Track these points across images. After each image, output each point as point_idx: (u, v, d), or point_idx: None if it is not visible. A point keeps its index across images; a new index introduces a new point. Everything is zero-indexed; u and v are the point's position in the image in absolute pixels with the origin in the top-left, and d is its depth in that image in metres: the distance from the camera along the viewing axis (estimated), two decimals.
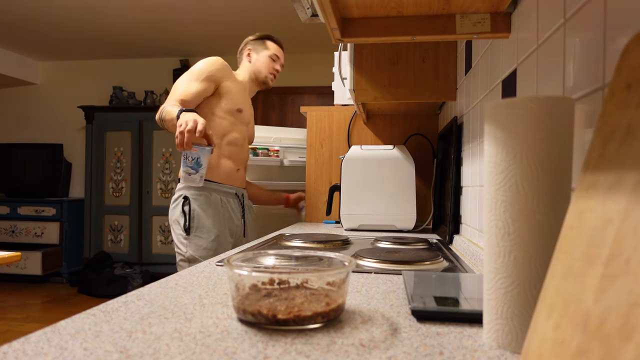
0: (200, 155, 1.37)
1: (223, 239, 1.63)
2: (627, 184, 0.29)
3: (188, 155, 1.37)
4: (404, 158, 1.63)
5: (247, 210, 1.80)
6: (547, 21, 0.68)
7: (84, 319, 0.52)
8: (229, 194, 1.71)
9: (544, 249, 0.41)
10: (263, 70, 1.84)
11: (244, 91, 1.81)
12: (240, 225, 1.74)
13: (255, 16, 3.80)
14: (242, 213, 1.76)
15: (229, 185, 1.71)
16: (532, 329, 0.34)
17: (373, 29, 0.96)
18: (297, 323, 0.49)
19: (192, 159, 1.37)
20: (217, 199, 1.66)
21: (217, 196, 1.66)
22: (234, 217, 1.71)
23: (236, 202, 1.73)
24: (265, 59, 1.84)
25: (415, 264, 0.87)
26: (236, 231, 1.72)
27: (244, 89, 1.81)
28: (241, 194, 1.77)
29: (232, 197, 1.72)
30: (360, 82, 1.46)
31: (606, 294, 0.27)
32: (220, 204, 1.66)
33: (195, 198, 1.62)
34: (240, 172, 1.78)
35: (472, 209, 1.17)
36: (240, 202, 1.75)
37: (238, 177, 1.76)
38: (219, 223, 1.63)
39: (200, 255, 1.57)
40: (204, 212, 1.61)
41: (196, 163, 1.38)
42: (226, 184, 1.71)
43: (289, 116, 4.97)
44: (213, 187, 1.66)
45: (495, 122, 0.44)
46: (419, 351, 0.43)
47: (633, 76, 0.31)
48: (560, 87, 0.62)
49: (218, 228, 1.62)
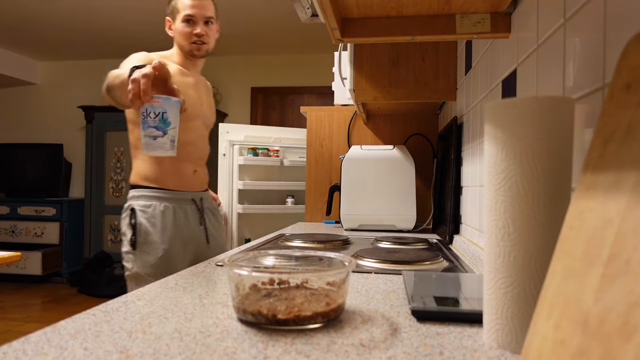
0: (166, 109, 0.93)
1: (174, 254, 1.44)
2: (627, 184, 0.29)
3: (149, 111, 0.92)
4: (404, 158, 1.63)
5: (209, 215, 1.60)
6: (547, 21, 0.68)
7: (84, 319, 0.52)
8: (183, 201, 1.50)
9: (544, 249, 0.41)
10: (182, 42, 1.49)
11: (182, 75, 1.48)
12: (200, 233, 1.55)
13: (255, 16, 3.80)
14: (200, 220, 1.54)
15: (183, 192, 1.51)
16: (532, 329, 0.34)
17: (373, 29, 0.96)
18: (297, 323, 0.49)
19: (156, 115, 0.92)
20: (168, 210, 1.45)
21: (169, 206, 1.46)
22: (190, 226, 1.51)
23: (193, 209, 1.53)
24: (180, 27, 1.48)
25: (415, 264, 0.87)
26: (196, 241, 1.53)
27: (181, 73, 1.49)
28: (199, 199, 1.56)
29: (188, 203, 1.52)
30: (360, 82, 1.46)
31: (606, 294, 0.27)
32: (172, 215, 1.46)
33: (143, 210, 1.43)
34: (198, 173, 1.56)
35: (472, 209, 1.17)
36: (198, 208, 1.54)
37: (195, 179, 1.55)
38: (169, 237, 1.44)
39: (146, 272, 1.39)
40: (151, 226, 1.42)
41: (162, 120, 0.93)
42: (180, 190, 1.50)
43: (289, 116, 4.97)
44: (164, 196, 1.46)
45: (495, 122, 0.44)
46: (419, 351, 0.43)
47: (633, 76, 0.31)
48: (560, 87, 0.62)
49: (168, 243, 1.43)
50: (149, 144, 0.94)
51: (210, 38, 1.51)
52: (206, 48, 1.50)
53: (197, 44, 1.48)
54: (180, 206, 1.48)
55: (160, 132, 0.94)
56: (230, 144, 2.63)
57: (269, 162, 2.63)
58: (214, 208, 1.66)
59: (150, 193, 1.45)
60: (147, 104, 0.93)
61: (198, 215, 1.54)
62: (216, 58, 5.02)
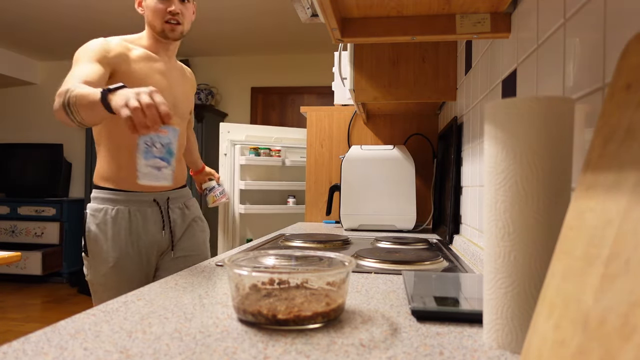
0: (172, 139, 0.92)
1: (128, 264, 1.28)
2: (627, 184, 0.29)
3: (154, 141, 0.91)
4: (404, 158, 1.63)
5: (178, 218, 1.39)
6: (547, 21, 0.68)
7: (84, 319, 0.52)
8: (141, 203, 1.32)
9: (544, 249, 0.41)
10: (154, 21, 1.31)
11: (148, 61, 1.31)
12: (164, 240, 1.35)
13: (255, 16, 3.80)
14: (163, 224, 1.34)
15: (142, 192, 1.31)
16: (532, 329, 0.34)
17: (373, 29, 0.96)
18: (297, 323, 0.49)
19: (162, 145, 0.91)
20: (122, 214, 1.28)
21: (124, 209, 1.29)
22: (149, 232, 1.32)
23: (155, 212, 1.33)
24: (152, 3, 1.31)
25: (415, 264, 0.87)
26: (156, 248, 1.34)
27: (148, 58, 1.31)
28: (164, 200, 1.35)
29: (148, 205, 1.32)
30: (360, 82, 1.46)
31: (606, 294, 0.27)
32: (127, 219, 1.29)
33: (93, 215, 1.28)
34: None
35: (472, 209, 1.17)
36: (161, 210, 1.34)
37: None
38: (120, 245, 1.27)
39: (99, 282, 1.28)
40: (101, 232, 1.27)
41: (168, 151, 0.92)
42: (138, 190, 1.30)
43: (289, 116, 4.97)
44: (117, 199, 1.29)
45: (495, 122, 0.44)
46: (419, 351, 0.43)
47: (633, 76, 0.31)
48: (560, 87, 0.62)
49: (119, 251, 1.27)
50: (151, 174, 0.92)
51: (186, 18, 1.33)
52: (181, 30, 1.31)
53: (171, 24, 1.29)
54: (139, 209, 1.31)
55: (164, 163, 0.92)
56: (232, 143, 2.63)
57: (270, 162, 2.63)
58: (189, 210, 1.44)
59: (104, 195, 1.30)
60: (154, 134, 0.90)
61: (160, 218, 1.34)
62: (216, 58, 5.02)
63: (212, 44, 4.58)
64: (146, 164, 0.91)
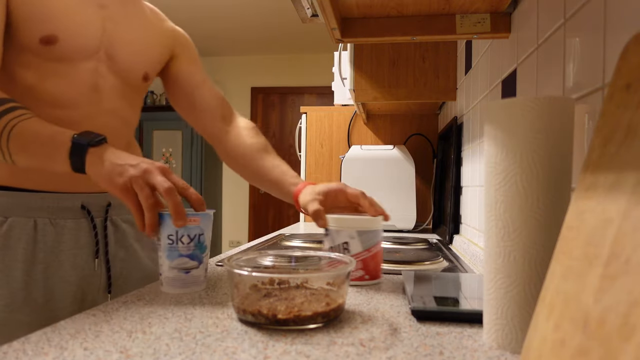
0: (204, 229, 0.66)
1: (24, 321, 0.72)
2: (627, 184, 0.29)
3: (181, 235, 0.64)
4: (404, 158, 1.63)
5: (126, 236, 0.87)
6: (547, 21, 0.68)
7: (84, 319, 0.52)
8: (60, 210, 0.79)
9: (544, 249, 0.41)
10: None
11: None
12: (92, 273, 0.81)
13: (255, 16, 3.80)
14: (96, 247, 0.82)
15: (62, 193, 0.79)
16: (532, 329, 0.34)
17: (373, 29, 0.96)
18: (297, 323, 0.49)
19: (191, 239, 0.65)
20: (20, 230, 0.75)
21: (24, 222, 0.75)
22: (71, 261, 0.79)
23: (82, 226, 0.81)
24: None
25: (415, 264, 0.87)
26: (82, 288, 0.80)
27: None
28: (101, 207, 0.84)
29: (71, 215, 0.80)
30: (360, 82, 1.46)
31: (606, 294, 0.27)
32: (29, 240, 0.75)
33: None
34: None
35: (472, 209, 1.17)
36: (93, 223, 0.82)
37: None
38: (12, 287, 0.73)
39: None
40: None
41: (198, 245, 0.65)
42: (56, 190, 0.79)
43: (289, 116, 4.97)
44: (15, 203, 0.75)
45: (495, 122, 0.44)
46: (419, 351, 0.43)
47: (633, 76, 0.31)
48: (560, 87, 0.62)
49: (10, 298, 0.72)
50: (178, 278, 0.65)
51: None
52: None
53: None
54: (52, 220, 0.77)
55: (195, 263, 0.65)
56: None
57: None
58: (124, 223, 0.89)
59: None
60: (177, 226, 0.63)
61: (92, 236, 0.82)
62: (216, 58, 5.02)
63: (212, 44, 4.58)
64: (170, 266, 0.64)
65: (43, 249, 0.76)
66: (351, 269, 0.55)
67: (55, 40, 0.73)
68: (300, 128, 2.05)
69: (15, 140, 0.65)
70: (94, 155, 0.64)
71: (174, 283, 0.65)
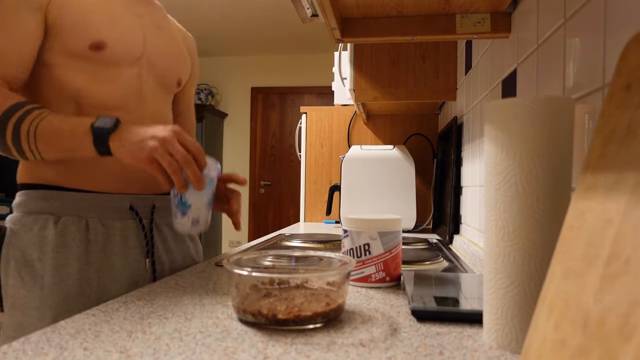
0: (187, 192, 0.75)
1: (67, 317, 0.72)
2: (627, 184, 0.29)
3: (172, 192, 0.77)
4: (404, 158, 1.63)
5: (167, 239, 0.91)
6: (547, 21, 0.68)
7: (84, 319, 0.52)
8: (110, 210, 0.82)
9: (544, 249, 0.41)
10: None
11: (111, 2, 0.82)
12: (143, 273, 0.84)
13: (255, 16, 3.80)
14: (146, 247, 0.85)
15: (110, 194, 0.83)
16: (532, 329, 0.34)
17: (373, 29, 0.96)
18: (297, 323, 0.49)
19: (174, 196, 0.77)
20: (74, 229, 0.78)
21: (77, 221, 0.78)
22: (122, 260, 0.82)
23: (131, 227, 0.84)
24: None
25: (415, 264, 0.87)
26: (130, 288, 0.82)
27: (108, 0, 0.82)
28: (148, 207, 0.88)
29: (120, 216, 0.83)
30: (360, 82, 1.46)
31: (606, 294, 0.27)
32: (82, 239, 0.78)
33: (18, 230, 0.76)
34: None
35: (472, 209, 1.17)
36: (142, 224, 0.85)
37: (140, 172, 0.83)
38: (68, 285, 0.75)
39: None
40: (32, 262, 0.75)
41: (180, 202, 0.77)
42: (103, 191, 0.82)
43: (289, 116, 4.97)
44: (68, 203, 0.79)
45: (495, 122, 0.44)
46: (419, 351, 0.43)
47: (633, 76, 0.31)
48: (560, 87, 0.62)
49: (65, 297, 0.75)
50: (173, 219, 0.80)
51: None
52: None
53: None
54: (103, 221, 0.81)
55: (179, 213, 0.78)
56: None
57: None
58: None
59: (39, 198, 0.78)
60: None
61: (142, 238, 0.85)
62: (216, 58, 5.02)
63: (212, 44, 4.58)
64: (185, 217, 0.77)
65: (95, 248, 0.79)
66: (351, 269, 0.55)
67: (104, 46, 0.79)
68: (300, 128, 2.05)
69: (41, 140, 0.71)
70: (115, 140, 0.70)
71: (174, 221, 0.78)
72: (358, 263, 0.71)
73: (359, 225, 0.71)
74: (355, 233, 0.71)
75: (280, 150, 4.97)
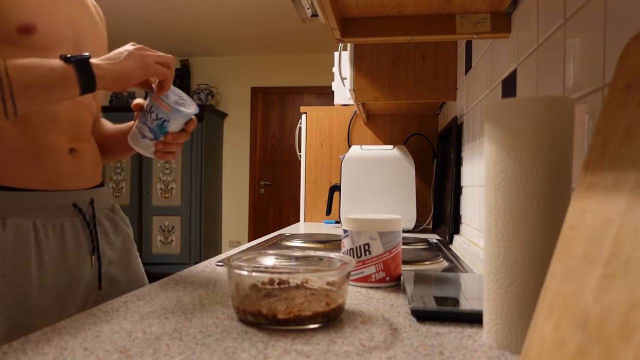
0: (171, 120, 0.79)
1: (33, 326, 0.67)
2: (627, 184, 0.29)
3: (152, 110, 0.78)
4: (404, 158, 1.63)
5: (107, 232, 0.88)
6: (547, 21, 0.68)
7: (84, 319, 0.52)
8: (57, 210, 0.77)
9: (544, 249, 0.41)
10: None
11: None
12: (90, 271, 0.81)
13: (255, 16, 3.80)
14: (91, 244, 0.82)
15: (52, 192, 0.77)
16: (532, 329, 0.34)
17: (373, 29, 0.96)
18: (297, 323, 0.49)
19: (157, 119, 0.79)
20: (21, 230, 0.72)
21: (25, 223, 0.72)
22: (71, 260, 0.78)
23: (75, 224, 0.80)
24: None
25: (415, 264, 0.87)
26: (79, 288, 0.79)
27: None
28: (87, 202, 0.83)
29: (66, 214, 0.79)
30: (360, 82, 1.46)
31: (606, 294, 0.27)
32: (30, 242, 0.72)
33: None
34: (81, 154, 0.83)
35: (472, 209, 1.17)
36: (85, 221, 0.82)
37: (75, 166, 0.81)
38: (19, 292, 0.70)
39: None
40: None
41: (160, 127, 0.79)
42: (45, 189, 0.76)
43: (289, 116, 4.97)
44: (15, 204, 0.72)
45: (495, 122, 0.44)
46: (419, 351, 0.43)
47: (633, 76, 0.31)
48: (560, 87, 0.62)
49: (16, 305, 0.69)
50: (134, 135, 0.82)
51: None
52: None
53: None
54: (49, 220, 0.76)
55: (151, 135, 0.80)
56: None
57: None
58: (113, 214, 0.92)
59: None
60: (155, 102, 0.77)
61: (87, 234, 0.82)
62: (216, 58, 5.02)
63: (212, 44, 4.58)
64: (136, 125, 0.82)
65: (45, 251, 0.74)
66: (351, 269, 0.55)
67: (34, 30, 0.71)
68: (300, 128, 2.05)
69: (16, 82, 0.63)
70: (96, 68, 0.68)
71: (132, 137, 0.82)
72: (358, 263, 0.70)
73: (359, 225, 0.71)
74: (355, 233, 0.71)
75: (280, 150, 4.96)
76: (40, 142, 0.74)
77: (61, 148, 0.78)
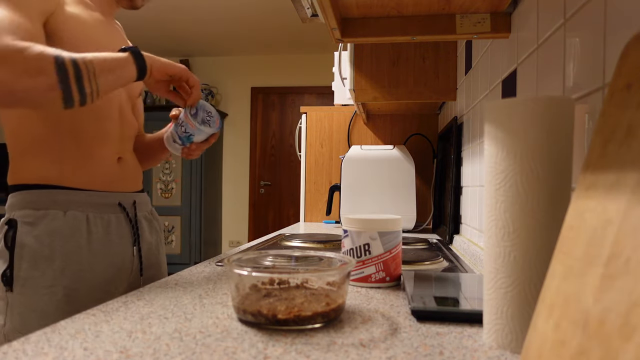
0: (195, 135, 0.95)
1: (82, 296, 0.85)
2: (627, 184, 0.29)
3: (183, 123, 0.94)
4: (404, 158, 1.63)
5: (145, 230, 1.02)
6: (547, 21, 0.68)
7: (84, 319, 0.52)
8: (104, 207, 0.92)
9: (544, 249, 0.41)
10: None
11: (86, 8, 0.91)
12: (131, 259, 0.96)
13: (255, 16, 3.80)
14: (133, 237, 0.97)
15: (103, 192, 0.92)
16: (532, 329, 0.34)
17: (373, 29, 0.96)
18: (297, 323, 0.49)
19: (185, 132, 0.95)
20: (77, 221, 0.87)
21: (80, 215, 0.87)
22: (114, 248, 0.92)
23: (120, 220, 0.95)
24: None
25: (415, 264, 0.87)
26: (122, 271, 0.94)
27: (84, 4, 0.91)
28: (131, 203, 0.98)
29: (112, 211, 0.93)
30: (360, 82, 1.46)
31: (606, 294, 0.27)
32: (83, 230, 0.87)
33: (31, 222, 0.84)
34: (126, 161, 0.98)
35: (472, 209, 1.17)
36: (129, 218, 0.97)
37: (122, 172, 0.97)
38: (75, 267, 0.85)
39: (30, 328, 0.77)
40: (45, 248, 0.83)
41: (186, 138, 0.96)
42: (98, 189, 0.91)
43: (289, 116, 4.97)
44: (73, 199, 0.87)
45: (495, 122, 0.44)
46: (419, 351, 0.43)
47: (633, 76, 0.31)
48: (560, 87, 0.62)
49: (72, 277, 0.84)
50: (168, 138, 1.00)
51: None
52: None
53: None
54: (99, 215, 0.91)
55: (180, 142, 0.98)
56: None
57: None
58: (151, 216, 1.07)
59: (45, 195, 0.86)
60: (185, 119, 0.92)
61: (130, 229, 0.97)
62: (216, 58, 5.02)
63: (212, 44, 4.58)
64: (172, 128, 0.98)
65: (93, 238, 0.90)
66: (351, 269, 0.55)
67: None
68: (300, 128, 2.05)
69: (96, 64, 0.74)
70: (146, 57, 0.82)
71: (167, 138, 1.00)
72: (358, 263, 0.71)
73: (359, 225, 0.71)
74: (355, 233, 0.71)
75: (280, 150, 4.97)
76: (94, 152, 0.91)
77: (111, 157, 0.94)
